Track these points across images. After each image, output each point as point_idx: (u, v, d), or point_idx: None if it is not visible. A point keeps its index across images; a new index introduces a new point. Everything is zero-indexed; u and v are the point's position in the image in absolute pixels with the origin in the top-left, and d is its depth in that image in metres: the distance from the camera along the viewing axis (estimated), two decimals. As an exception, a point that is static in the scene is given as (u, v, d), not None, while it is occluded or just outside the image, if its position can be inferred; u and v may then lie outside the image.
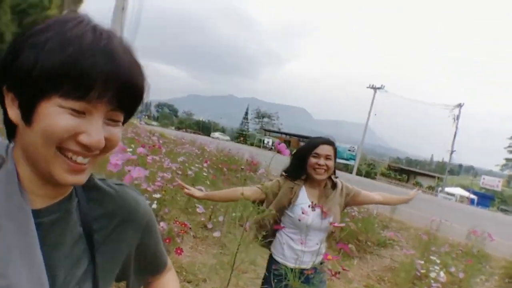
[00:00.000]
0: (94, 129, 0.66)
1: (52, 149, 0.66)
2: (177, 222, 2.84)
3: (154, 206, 3.02)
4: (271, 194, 2.74)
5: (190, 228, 3.53)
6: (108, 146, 0.71)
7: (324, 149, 2.65)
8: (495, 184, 55.56)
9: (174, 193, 3.65)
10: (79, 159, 0.68)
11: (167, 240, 2.75)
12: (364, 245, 7.13)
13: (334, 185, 2.80)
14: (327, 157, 2.64)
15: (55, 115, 0.64)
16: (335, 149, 2.73)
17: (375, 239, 7.51)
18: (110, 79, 0.65)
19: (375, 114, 50.37)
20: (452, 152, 51.76)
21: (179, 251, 2.74)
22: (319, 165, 2.63)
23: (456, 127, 49.72)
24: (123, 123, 0.77)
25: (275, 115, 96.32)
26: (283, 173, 2.81)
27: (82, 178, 0.71)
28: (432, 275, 4.92)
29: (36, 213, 0.72)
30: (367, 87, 51.65)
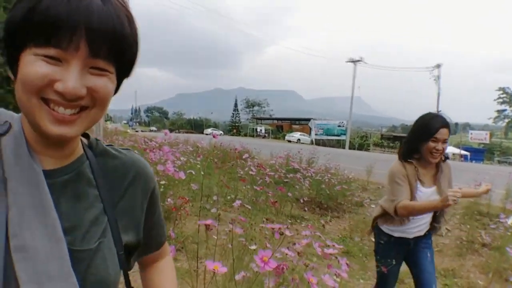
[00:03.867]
0: (70, 76, 0.66)
1: (34, 99, 0.67)
2: (180, 197, 3.97)
3: (162, 189, 4.21)
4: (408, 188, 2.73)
5: (189, 200, 4.68)
6: (96, 97, 0.71)
7: (443, 133, 2.62)
8: (483, 137, 56.08)
9: (173, 180, 4.87)
10: (60, 109, 0.68)
11: (174, 209, 3.90)
12: (343, 206, 8.33)
13: (444, 160, 2.85)
14: (444, 141, 2.63)
15: (31, 63, 0.65)
16: (449, 130, 2.69)
17: (354, 200, 8.72)
18: (78, 24, 0.64)
19: (359, 87, 51.27)
20: (438, 112, 52.45)
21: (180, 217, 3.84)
22: (436, 150, 2.62)
23: (439, 87, 50.32)
24: (122, 77, 0.78)
25: (264, 101, 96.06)
26: (400, 157, 2.84)
27: (69, 131, 0.70)
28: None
29: (48, 174, 0.74)
30: (347, 61, 52.34)
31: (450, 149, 52.60)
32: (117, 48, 0.70)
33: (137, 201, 0.90)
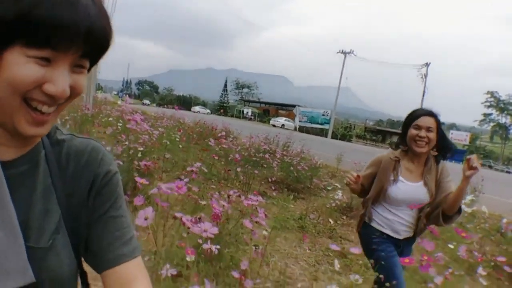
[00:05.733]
0: (60, 78, 0.65)
1: (18, 99, 0.65)
2: (153, 162, 4.52)
3: (140, 155, 4.75)
4: (366, 180, 2.77)
5: (160, 166, 5.25)
6: (73, 94, 0.70)
7: (425, 121, 2.57)
8: (463, 138, 56.88)
9: (151, 148, 5.44)
10: (44, 108, 0.67)
11: (145, 169, 4.40)
12: (311, 190, 8.97)
13: (437, 162, 2.73)
14: (428, 129, 2.56)
15: (21, 64, 0.62)
16: (437, 122, 2.62)
17: (321, 185, 9.35)
18: (80, 27, 0.63)
19: (347, 78, 51.90)
20: (421, 110, 53.10)
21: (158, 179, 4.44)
22: (419, 137, 2.55)
23: (425, 86, 50.88)
24: (90, 66, 0.76)
25: (254, 85, 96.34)
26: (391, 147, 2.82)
27: (43, 130, 0.70)
28: (354, 203, 7.05)
29: (6, 165, 0.71)
30: (337, 52, 53.24)
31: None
32: (103, 46, 0.71)
33: (86, 186, 0.83)
